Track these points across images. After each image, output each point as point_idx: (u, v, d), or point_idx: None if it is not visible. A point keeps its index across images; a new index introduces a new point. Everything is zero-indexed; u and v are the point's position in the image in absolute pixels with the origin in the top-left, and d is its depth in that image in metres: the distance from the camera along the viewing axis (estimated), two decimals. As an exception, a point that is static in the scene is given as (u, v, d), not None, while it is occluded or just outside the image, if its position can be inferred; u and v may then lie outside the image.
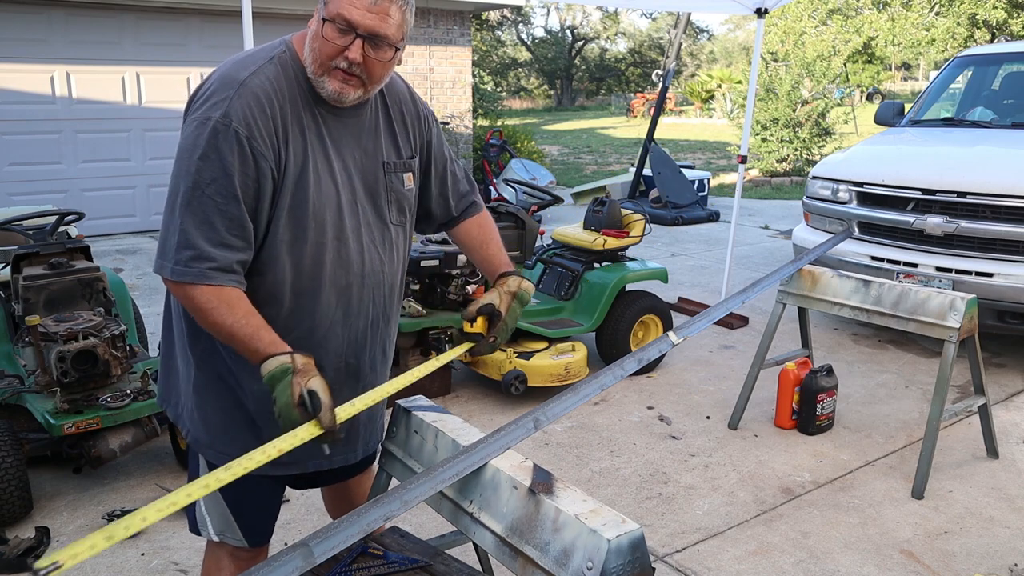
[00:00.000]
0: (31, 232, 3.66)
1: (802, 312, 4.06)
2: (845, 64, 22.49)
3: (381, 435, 1.96)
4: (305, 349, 1.61)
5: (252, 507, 1.73)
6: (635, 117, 28.06)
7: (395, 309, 1.80)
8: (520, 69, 43.21)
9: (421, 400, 1.81)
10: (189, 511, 1.79)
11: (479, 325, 1.71)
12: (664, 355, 4.61)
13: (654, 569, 1.29)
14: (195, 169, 1.46)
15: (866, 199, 5.00)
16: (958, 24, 18.58)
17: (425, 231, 1.97)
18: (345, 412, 1.48)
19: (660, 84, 10.91)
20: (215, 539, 1.75)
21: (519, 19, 40.26)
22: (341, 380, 1.70)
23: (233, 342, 1.48)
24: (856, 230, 5.01)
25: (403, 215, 1.74)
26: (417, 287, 4.14)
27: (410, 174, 1.74)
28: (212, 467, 1.70)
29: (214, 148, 1.45)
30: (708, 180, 10.66)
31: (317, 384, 1.43)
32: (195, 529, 1.78)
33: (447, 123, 10.50)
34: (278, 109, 1.51)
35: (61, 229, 3.81)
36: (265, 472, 1.68)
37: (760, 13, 5.50)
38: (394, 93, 1.73)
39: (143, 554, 2.79)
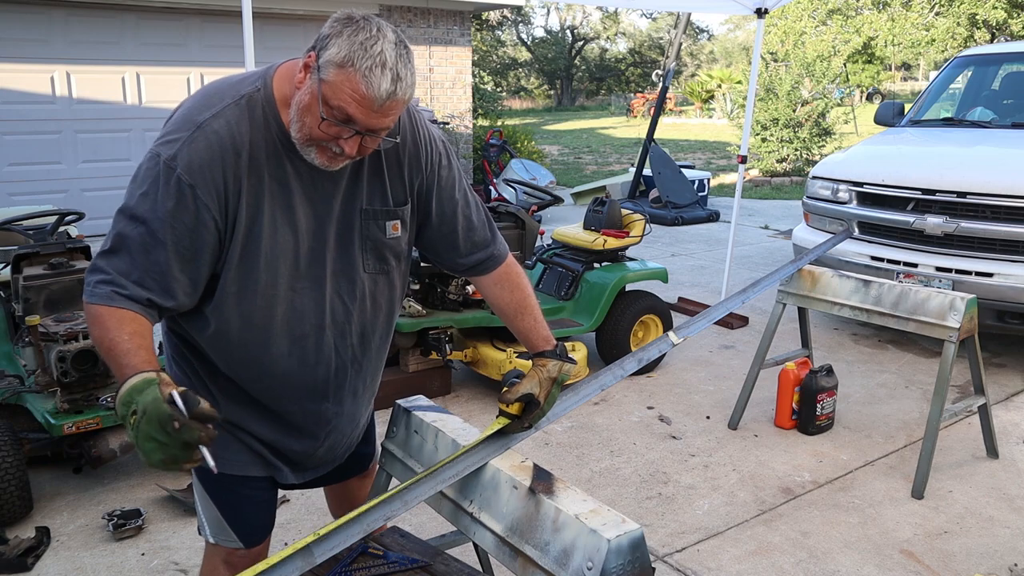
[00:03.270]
0: (31, 232, 3.66)
1: (802, 312, 4.06)
2: (845, 64, 22.50)
3: (370, 434, 1.96)
4: (263, 395, 1.60)
5: (244, 508, 1.72)
6: (635, 117, 28.06)
7: (371, 354, 1.72)
8: (520, 69, 43.20)
9: (421, 400, 1.81)
10: (196, 512, 1.79)
11: (515, 408, 1.66)
12: (664, 355, 4.61)
13: (654, 569, 1.29)
14: (134, 203, 1.40)
15: (866, 199, 5.00)
16: (958, 24, 18.59)
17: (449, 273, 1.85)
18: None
19: (660, 84, 10.92)
20: (211, 541, 1.75)
21: (519, 19, 40.27)
22: (299, 425, 1.66)
23: (109, 357, 1.33)
24: (856, 230, 5.00)
25: (384, 263, 1.64)
26: (417, 287, 4.14)
27: (396, 222, 1.61)
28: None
29: (154, 188, 1.38)
30: (708, 180, 10.66)
31: (184, 391, 1.27)
32: (199, 530, 1.79)
33: (447, 123, 10.50)
34: (232, 158, 1.42)
35: (61, 229, 3.81)
36: (249, 472, 1.69)
37: (760, 13, 5.50)
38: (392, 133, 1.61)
39: (143, 554, 2.79)
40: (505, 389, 1.62)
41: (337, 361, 1.64)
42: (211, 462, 1.25)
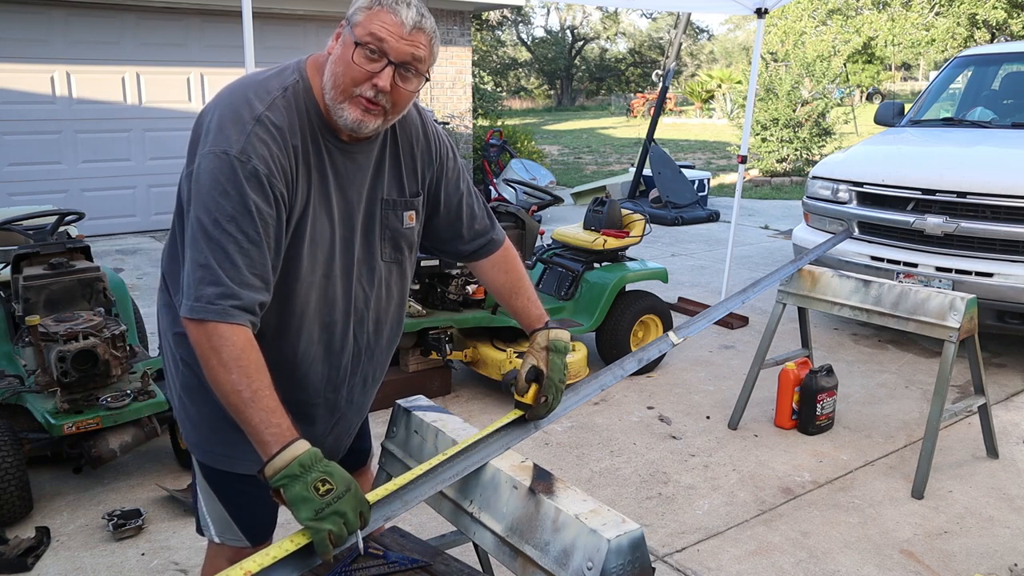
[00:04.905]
0: (31, 232, 3.66)
1: (802, 312, 4.06)
2: (845, 64, 22.49)
3: (364, 429, 1.96)
4: (284, 383, 1.58)
5: (251, 507, 1.73)
6: (635, 117, 28.06)
7: (383, 343, 1.75)
8: (520, 69, 43.20)
9: (421, 400, 1.81)
10: (195, 512, 1.79)
11: (531, 394, 1.64)
12: (664, 355, 4.61)
13: (654, 569, 1.29)
14: (215, 206, 1.39)
15: (866, 199, 5.00)
16: (958, 24, 18.59)
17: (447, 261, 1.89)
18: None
19: (660, 84, 10.92)
20: (216, 540, 1.75)
21: (519, 19, 40.27)
22: (317, 412, 1.68)
23: (250, 405, 1.34)
24: (856, 230, 5.01)
25: (399, 252, 1.69)
26: (417, 287, 4.14)
27: (412, 212, 1.68)
28: (202, 466, 1.70)
29: (233, 185, 1.38)
30: (708, 180, 10.66)
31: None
32: (200, 530, 1.79)
33: (447, 123, 10.50)
34: (291, 148, 1.46)
35: (61, 229, 3.80)
36: (252, 471, 1.69)
37: (760, 13, 5.50)
38: (406, 127, 1.66)
39: (143, 554, 2.79)
40: (516, 385, 1.67)
41: (355, 348, 1.67)
42: (361, 545, 1.32)
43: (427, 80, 1.51)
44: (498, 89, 27.52)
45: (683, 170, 10.23)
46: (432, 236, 1.80)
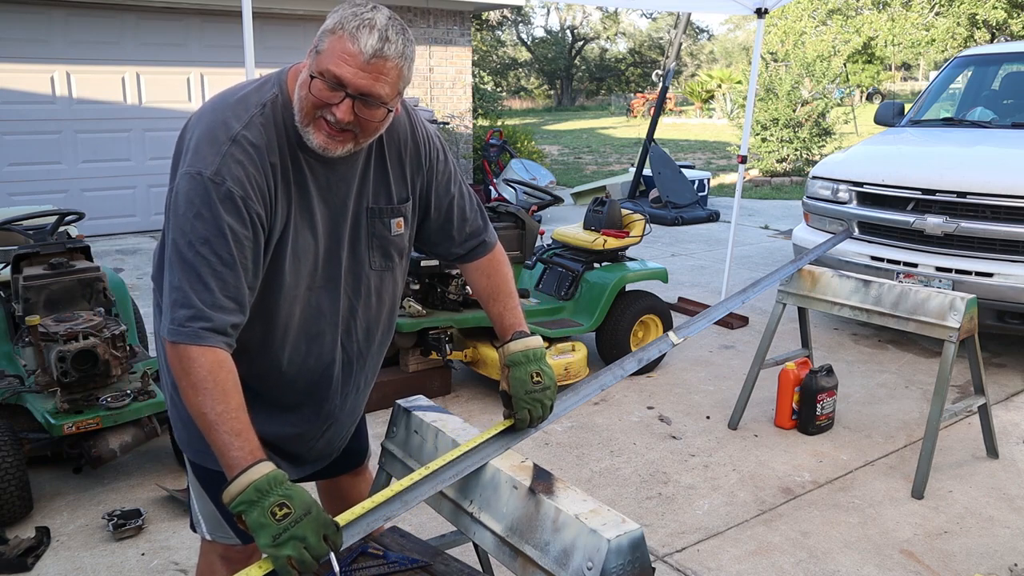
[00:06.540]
0: (31, 232, 3.66)
1: (802, 312, 4.06)
2: (845, 64, 22.50)
3: (361, 429, 1.97)
4: (272, 393, 1.60)
5: None
6: (635, 117, 28.05)
7: (374, 349, 1.75)
8: (520, 69, 43.19)
9: (421, 400, 1.81)
10: (188, 509, 1.79)
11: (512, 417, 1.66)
12: (664, 355, 4.61)
13: (654, 569, 1.29)
14: (189, 228, 1.39)
15: (866, 199, 5.00)
16: (958, 24, 18.60)
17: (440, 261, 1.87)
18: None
19: (660, 84, 10.92)
20: (208, 538, 1.76)
21: (519, 19, 40.26)
22: (306, 417, 1.69)
23: (215, 426, 1.34)
24: (856, 230, 5.00)
25: (388, 260, 1.67)
26: (417, 287, 4.14)
27: (400, 219, 1.65)
28: (193, 465, 1.71)
29: (207, 207, 1.38)
30: (708, 180, 10.66)
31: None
32: (193, 527, 1.80)
33: (447, 123, 10.50)
34: (269, 166, 1.45)
35: (61, 229, 3.80)
36: None
37: (760, 13, 5.50)
38: (393, 133, 1.63)
39: (143, 554, 2.79)
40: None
41: (344, 357, 1.67)
42: (336, 568, 1.30)
43: (391, 111, 1.47)
44: (498, 89, 27.55)
45: (683, 170, 10.23)
46: (423, 238, 1.79)
